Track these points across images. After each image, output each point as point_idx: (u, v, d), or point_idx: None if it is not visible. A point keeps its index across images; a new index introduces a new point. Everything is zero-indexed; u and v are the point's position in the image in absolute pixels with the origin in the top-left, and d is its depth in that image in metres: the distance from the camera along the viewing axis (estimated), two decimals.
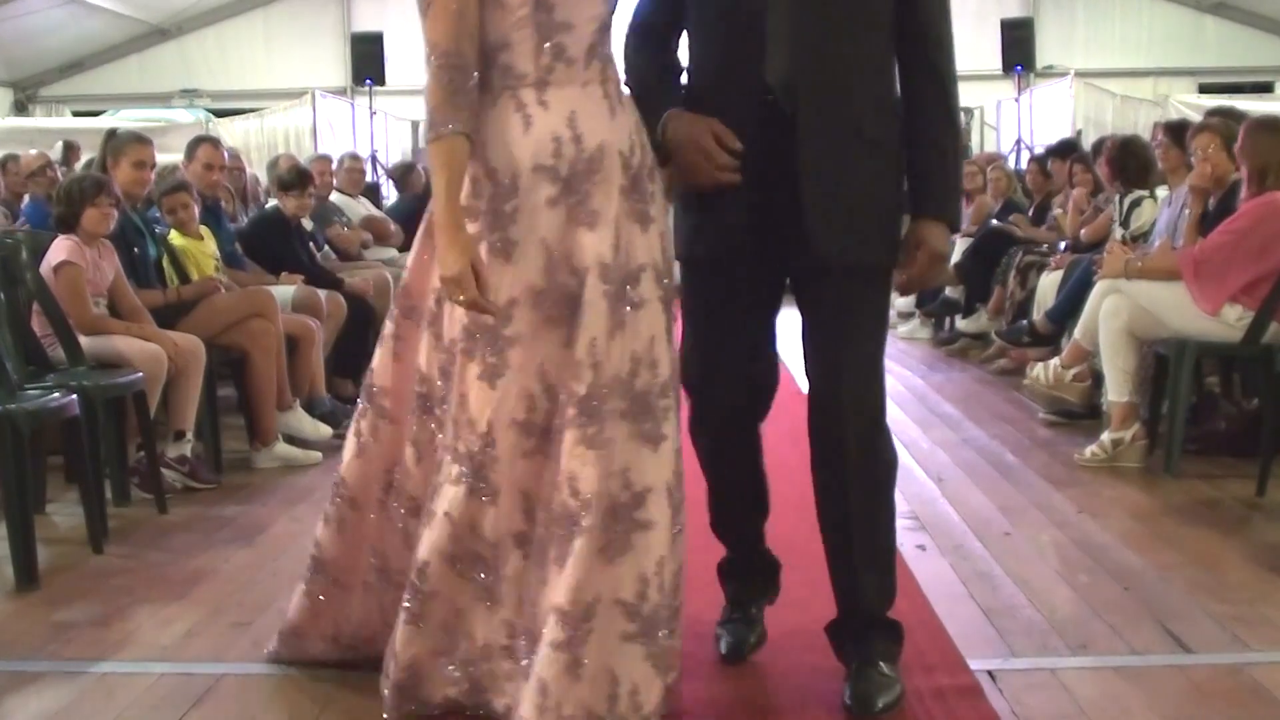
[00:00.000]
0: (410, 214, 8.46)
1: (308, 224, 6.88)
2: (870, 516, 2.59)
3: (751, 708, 2.64)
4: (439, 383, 2.53)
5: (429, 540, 2.48)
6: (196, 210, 5.39)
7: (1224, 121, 5.17)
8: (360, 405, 2.72)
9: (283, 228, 6.35)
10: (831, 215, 2.49)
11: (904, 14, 2.54)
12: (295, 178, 6.46)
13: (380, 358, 2.68)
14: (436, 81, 2.34)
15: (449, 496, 2.47)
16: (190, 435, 4.68)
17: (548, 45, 2.38)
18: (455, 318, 2.47)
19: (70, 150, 9.59)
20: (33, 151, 8.40)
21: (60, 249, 4.50)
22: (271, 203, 6.85)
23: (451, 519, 2.46)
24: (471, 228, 2.39)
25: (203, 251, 5.35)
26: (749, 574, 2.89)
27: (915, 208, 2.57)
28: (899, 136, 2.56)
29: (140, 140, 5.24)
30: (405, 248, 7.99)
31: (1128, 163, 6.20)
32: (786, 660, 2.83)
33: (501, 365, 2.41)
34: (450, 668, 2.51)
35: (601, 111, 2.44)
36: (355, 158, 9.05)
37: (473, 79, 2.36)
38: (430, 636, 2.50)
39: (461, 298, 2.34)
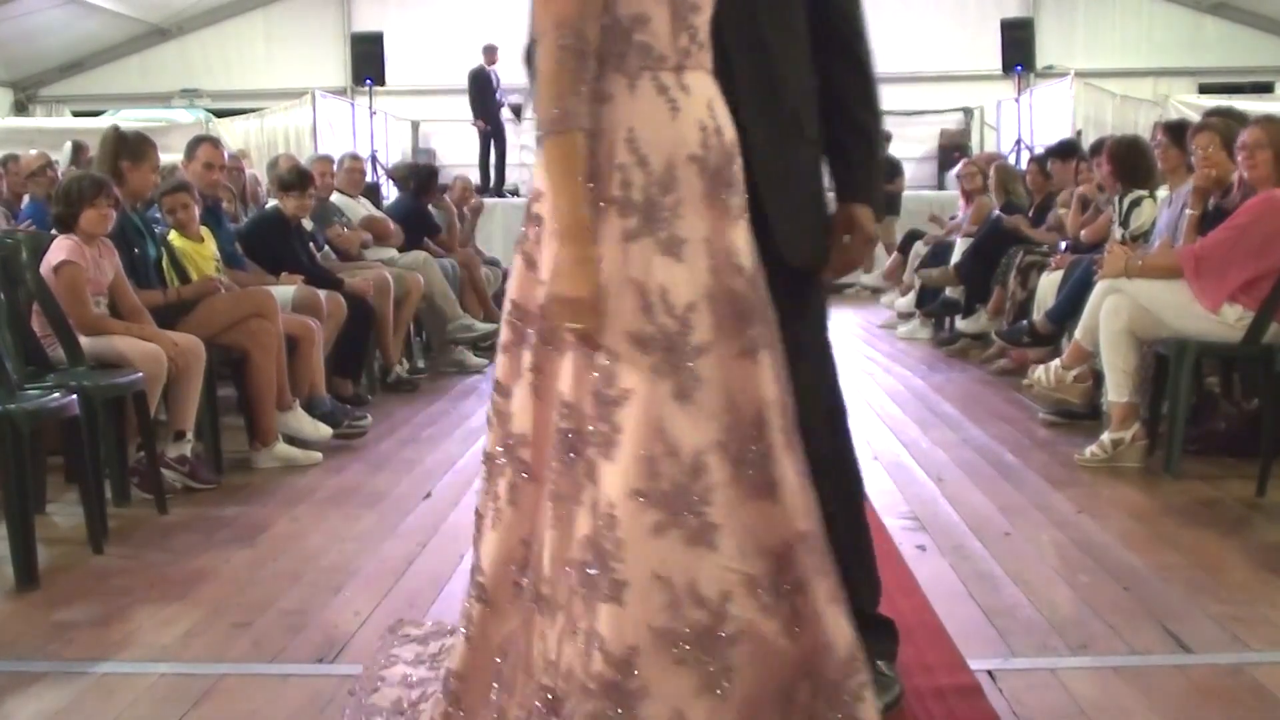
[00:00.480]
0: (410, 214, 8.47)
1: (308, 224, 6.88)
2: (850, 520, 2.54)
3: None
4: (589, 413, 2.05)
5: (631, 617, 1.95)
6: (197, 211, 5.39)
7: (1223, 121, 5.16)
8: (492, 464, 2.20)
9: (283, 228, 6.36)
10: (792, 221, 2.41)
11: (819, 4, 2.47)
12: (295, 178, 6.46)
13: (517, 399, 2.17)
14: (559, 65, 2.03)
15: (655, 554, 1.97)
16: (190, 435, 4.68)
17: (683, 25, 2.13)
18: (616, 327, 2.04)
19: (80, 150, 9.57)
20: (33, 151, 8.40)
21: (60, 248, 4.50)
22: (275, 203, 6.84)
23: (667, 582, 1.95)
24: (625, 223, 2.07)
25: (201, 254, 5.35)
26: None
27: (844, 193, 2.53)
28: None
29: (152, 143, 5.26)
30: (405, 248, 8.00)
31: (1138, 163, 6.17)
32: None
33: (696, 378, 2.04)
34: None
35: (723, 100, 2.21)
36: (356, 158, 9.04)
37: (592, 67, 2.08)
38: None
39: (578, 325, 2.02)
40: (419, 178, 8.88)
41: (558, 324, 2.05)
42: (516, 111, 14.42)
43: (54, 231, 4.66)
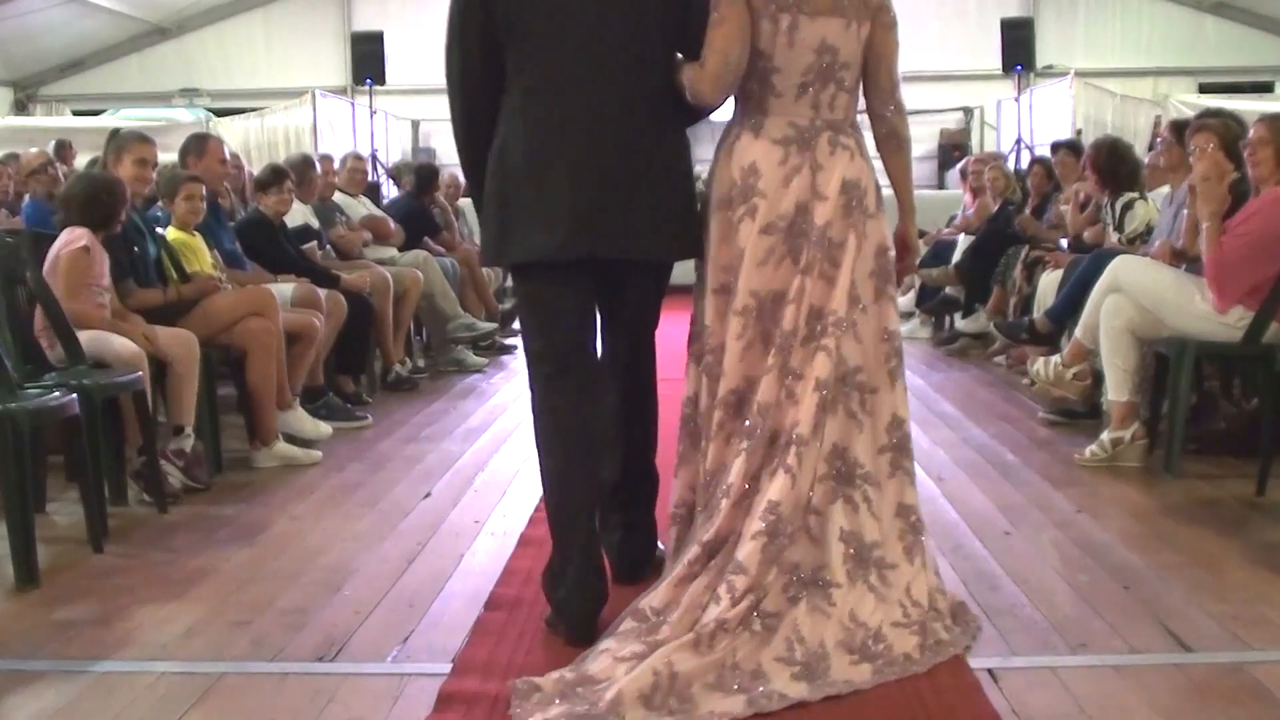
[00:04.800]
0: (410, 213, 8.46)
1: (311, 221, 6.87)
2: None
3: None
4: None
5: None
6: (203, 205, 5.38)
7: (1222, 123, 5.12)
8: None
9: (267, 229, 6.28)
10: None
11: None
12: (271, 176, 6.40)
13: None
14: None
15: None
16: (190, 431, 4.65)
17: None
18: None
19: (64, 149, 9.59)
20: (33, 150, 8.39)
21: (71, 234, 4.52)
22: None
23: None
24: None
25: (193, 247, 5.32)
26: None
27: None
28: None
29: (143, 139, 5.25)
30: (405, 247, 7.99)
31: (1116, 167, 6.18)
32: None
33: None
34: None
35: None
36: (358, 158, 9.05)
37: None
38: None
39: None
40: (419, 177, 8.87)
41: None
42: None
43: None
